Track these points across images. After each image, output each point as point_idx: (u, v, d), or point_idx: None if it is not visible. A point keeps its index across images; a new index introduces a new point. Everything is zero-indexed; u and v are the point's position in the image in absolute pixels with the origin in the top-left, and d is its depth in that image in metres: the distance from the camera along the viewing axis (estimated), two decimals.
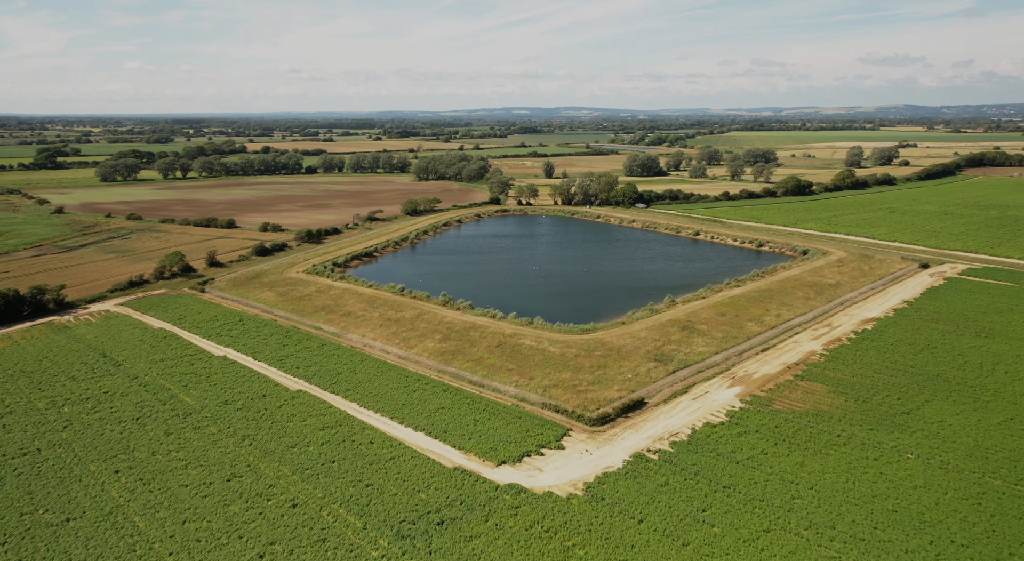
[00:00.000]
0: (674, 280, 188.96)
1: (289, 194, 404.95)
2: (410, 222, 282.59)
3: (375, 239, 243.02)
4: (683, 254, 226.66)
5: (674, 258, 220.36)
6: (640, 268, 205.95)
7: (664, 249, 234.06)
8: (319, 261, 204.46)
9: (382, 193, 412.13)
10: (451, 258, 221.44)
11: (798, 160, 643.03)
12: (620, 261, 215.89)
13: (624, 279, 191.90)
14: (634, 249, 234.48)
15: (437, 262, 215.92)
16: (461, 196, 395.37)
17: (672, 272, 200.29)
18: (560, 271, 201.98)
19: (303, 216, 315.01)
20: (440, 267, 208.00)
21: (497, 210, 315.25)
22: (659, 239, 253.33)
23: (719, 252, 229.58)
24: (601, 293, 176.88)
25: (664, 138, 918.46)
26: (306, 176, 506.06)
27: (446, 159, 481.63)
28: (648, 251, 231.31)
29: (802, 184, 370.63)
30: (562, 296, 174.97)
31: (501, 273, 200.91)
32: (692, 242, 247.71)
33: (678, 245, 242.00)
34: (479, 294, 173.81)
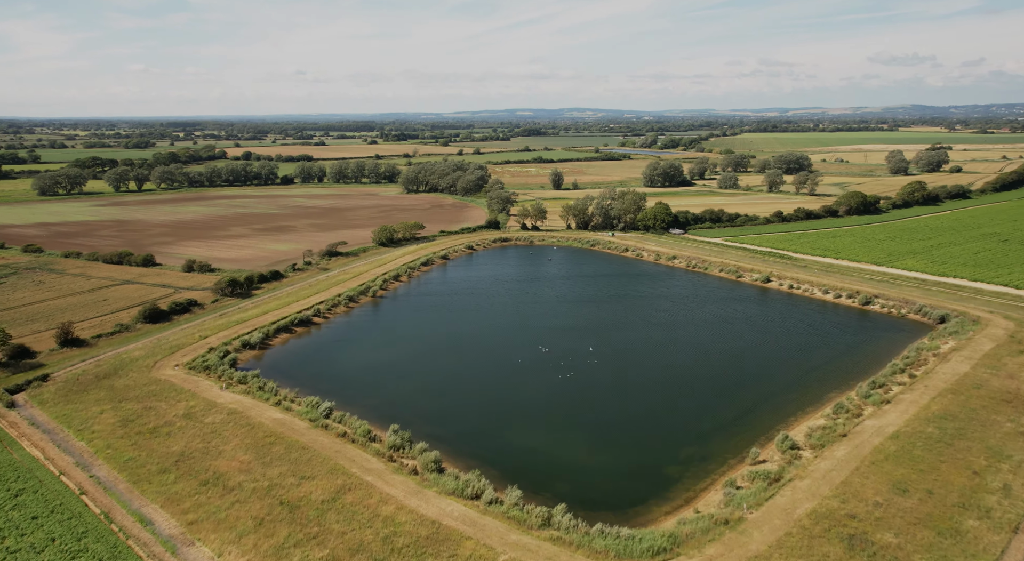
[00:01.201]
0: (763, 373, 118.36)
1: (249, 212, 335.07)
2: (380, 260, 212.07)
3: (325, 291, 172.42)
4: (756, 317, 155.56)
5: (745, 323, 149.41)
6: (703, 344, 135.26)
7: (727, 308, 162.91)
8: (224, 339, 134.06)
9: (360, 210, 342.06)
10: (422, 326, 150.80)
11: (831, 166, 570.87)
12: (669, 330, 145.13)
13: (685, 371, 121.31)
14: (684, 307, 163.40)
15: (402, 334, 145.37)
16: (454, 214, 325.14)
17: (754, 355, 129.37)
18: (580, 352, 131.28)
19: (252, 245, 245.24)
20: (404, 345, 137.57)
21: (495, 239, 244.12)
22: (714, 288, 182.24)
23: (807, 312, 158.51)
24: (651, 404, 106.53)
25: (677, 141, 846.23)
26: (279, 188, 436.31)
27: (439, 168, 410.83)
28: (705, 310, 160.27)
29: (868, 200, 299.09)
30: (589, 409, 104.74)
31: (493, 358, 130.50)
32: (761, 293, 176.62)
33: (744, 299, 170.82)
34: (456, 410, 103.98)
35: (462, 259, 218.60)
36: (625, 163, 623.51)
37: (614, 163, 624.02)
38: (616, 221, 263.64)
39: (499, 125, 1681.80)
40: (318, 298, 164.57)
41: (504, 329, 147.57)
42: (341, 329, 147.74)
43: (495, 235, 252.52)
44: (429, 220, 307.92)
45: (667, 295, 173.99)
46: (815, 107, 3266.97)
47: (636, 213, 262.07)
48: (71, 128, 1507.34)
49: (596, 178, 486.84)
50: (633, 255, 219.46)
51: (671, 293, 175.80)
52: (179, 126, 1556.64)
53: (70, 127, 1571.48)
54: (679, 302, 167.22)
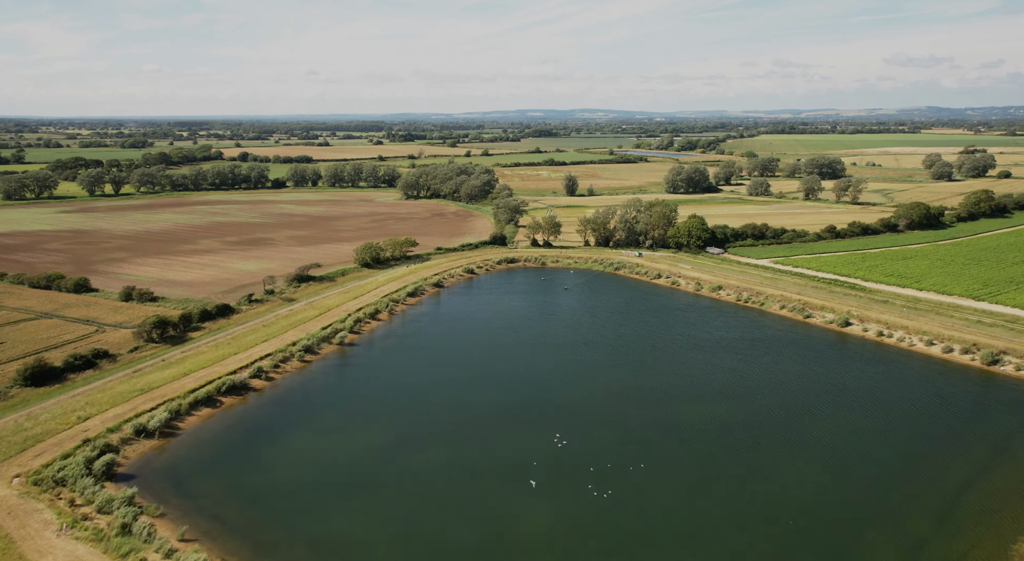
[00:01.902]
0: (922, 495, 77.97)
1: (228, 221, 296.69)
2: (359, 287, 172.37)
3: (279, 336, 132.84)
4: (854, 383, 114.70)
5: (845, 394, 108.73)
6: (804, 437, 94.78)
7: (808, 367, 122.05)
8: (112, 421, 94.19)
9: (351, 220, 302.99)
10: (397, 397, 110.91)
11: (863, 170, 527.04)
12: (741, 404, 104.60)
13: (791, 491, 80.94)
14: (751, 364, 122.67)
15: (368, 412, 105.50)
16: (455, 225, 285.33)
17: (890, 454, 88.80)
18: (613, 445, 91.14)
19: (216, 264, 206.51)
20: (367, 432, 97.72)
21: (501, 260, 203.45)
22: (779, 333, 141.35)
23: (919, 376, 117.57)
24: None
25: (695, 143, 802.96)
26: (268, 192, 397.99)
27: (441, 172, 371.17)
28: (782, 370, 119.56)
29: (932, 212, 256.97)
30: None
31: (497, 459, 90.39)
32: (839, 341, 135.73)
33: (825, 353, 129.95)
34: None
35: (459, 287, 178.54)
36: (642, 166, 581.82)
37: (630, 166, 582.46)
38: (642, 237, 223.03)
39: (509, 126, 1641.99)
40: (266, 347, 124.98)
41: (510, 400, 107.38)
42: (287, 400, 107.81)
43: (500, 254, 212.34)
44: (427, 232, 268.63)
45: (723, 342, 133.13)
46: (829, 109, 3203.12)
47: (666, 228, 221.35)
48: (78, 127, 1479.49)
49: (612, 182, 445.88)
50: (668, 283, 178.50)
51: (726, 340, 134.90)
52: (186, 125, 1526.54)
53: (78, 126, 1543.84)
54: (740, 354, 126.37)
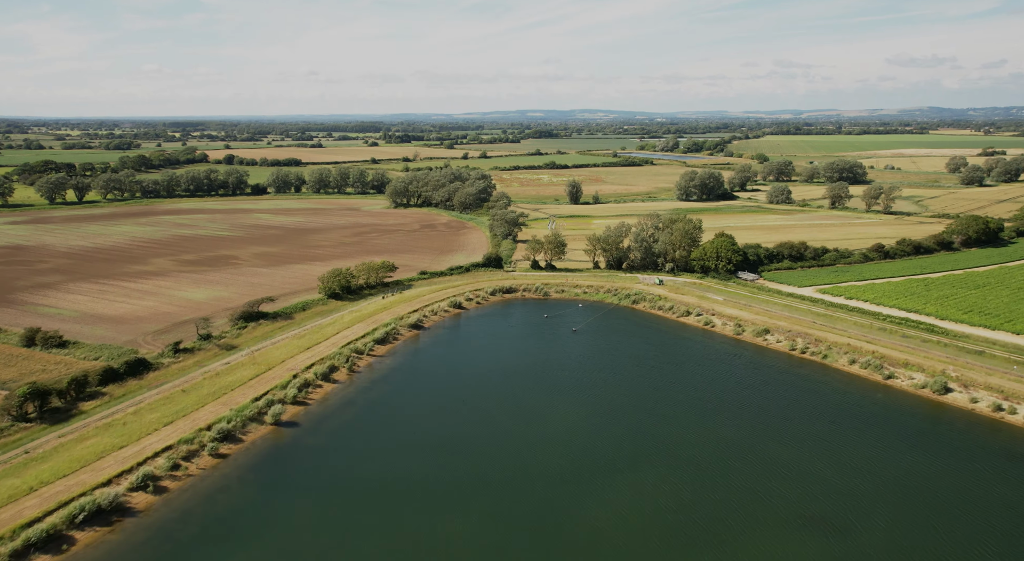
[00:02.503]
0: None
1: (192, 234, 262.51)
2: (317, 329, 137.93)
3: (192, 413, 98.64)
4: (994, 511, 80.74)
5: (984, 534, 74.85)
6: None
7: (906, 464, 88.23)
8: None
9: (331, 233, 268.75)
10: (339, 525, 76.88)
11: (883, 174, 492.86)
12: (835, 546, 70.75)
13: None
14: (833, 465, 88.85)
15: (294, 553, 71.47)
16: (446, 239, 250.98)
17: None
18: None
19: (161, 291, 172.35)
20: None
21: (495, 290, 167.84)
22: (850, 400, 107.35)
23: None
24: None
25: (701, 145, 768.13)
26: (245, 200, 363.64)
27: (434, 178, 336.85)
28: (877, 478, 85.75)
29: (991, 227, 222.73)
30: None
31: None
32: (940, 419, 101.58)
33: (932, 447, 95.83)
34: None
35: (443, 328, 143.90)
36: (648, 169, 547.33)
37: (636, 169, 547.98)
38: (661, 259, 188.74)
39: (509, 126, 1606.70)
40: (170, 433, 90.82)
41: (502, 529, 73.45)
42: (180, 530, 73.50)
43: (496, 280, 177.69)
44: (413, 248, 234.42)
45: (790, 425, 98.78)
46: (830, 109, 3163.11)
47: (690, 248, 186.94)
48: (74, 127, 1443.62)
49: (618, 188, 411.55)
50: (699, 323, 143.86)
51: (794, 420, 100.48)
52: (181, 126, 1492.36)
53: (74, 126, 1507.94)
54: (819, 445, 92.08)
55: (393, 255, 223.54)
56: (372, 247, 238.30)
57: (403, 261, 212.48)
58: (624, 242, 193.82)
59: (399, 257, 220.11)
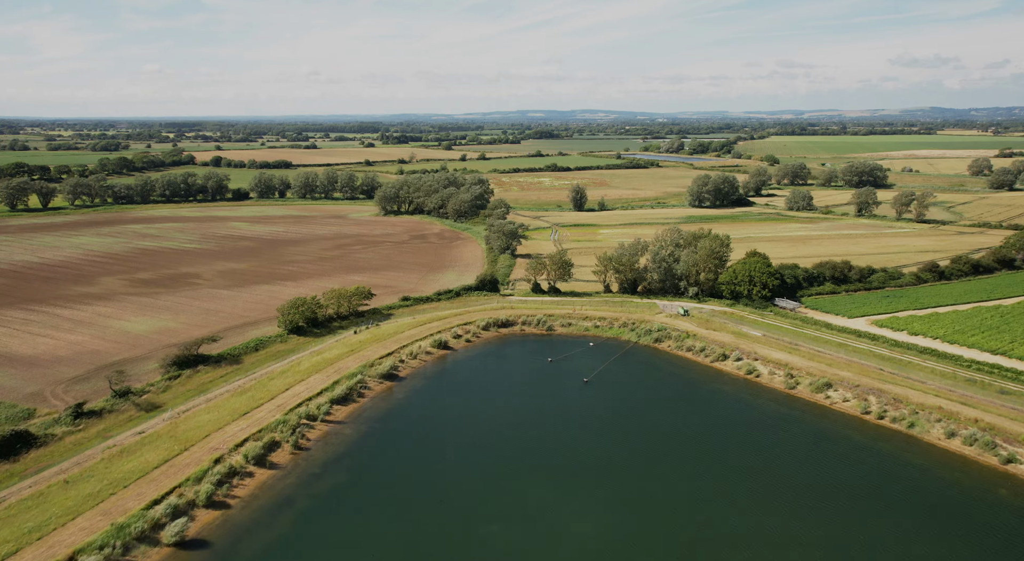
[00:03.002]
0: None
1: (156, 246, 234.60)
2: (268, 383, 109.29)
3: (43, 536, 70.87)
4: None
5: None
6: None
7: None
8: None
9: (311, 244, 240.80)
10: None
11: (902, 176, 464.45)
12: None
13: None
14: None
15: None
16: (437, 253, 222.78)
17: None
18: None
19: (97, 322, 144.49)
20: None
21: (489, 323, 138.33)
22: (958, 499, 79.38)
23: None
24: None
25: (706, 146, 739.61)
26: (224, 206, 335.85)
27: (426, 183, 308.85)
28: None
29: None
30: None
31: None
32: None
33: None
34: None
35: (423, 377, 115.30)
36: (655, 172, 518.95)
37: (642, 172, 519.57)
38: (684, 282, 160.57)
39: (510, 127, 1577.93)
40: None
41: None
42: None
43: (490, 309, 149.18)
44: (399, 263, 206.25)
45: (893, 543, 70.95)
46: (831, 109, 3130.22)
47: (717, 269, 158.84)
48: (72, 128, 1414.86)
49: (625, 193, 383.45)
50: (739, 370, 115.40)
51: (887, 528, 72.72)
52: (177, 127, 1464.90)
53: (72, 127, 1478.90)
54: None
55: (376, 272, 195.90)
56: (354, 262, 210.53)
57: (386, 281, 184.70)
58: (641, 261, 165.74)
59: (383, 275, 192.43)
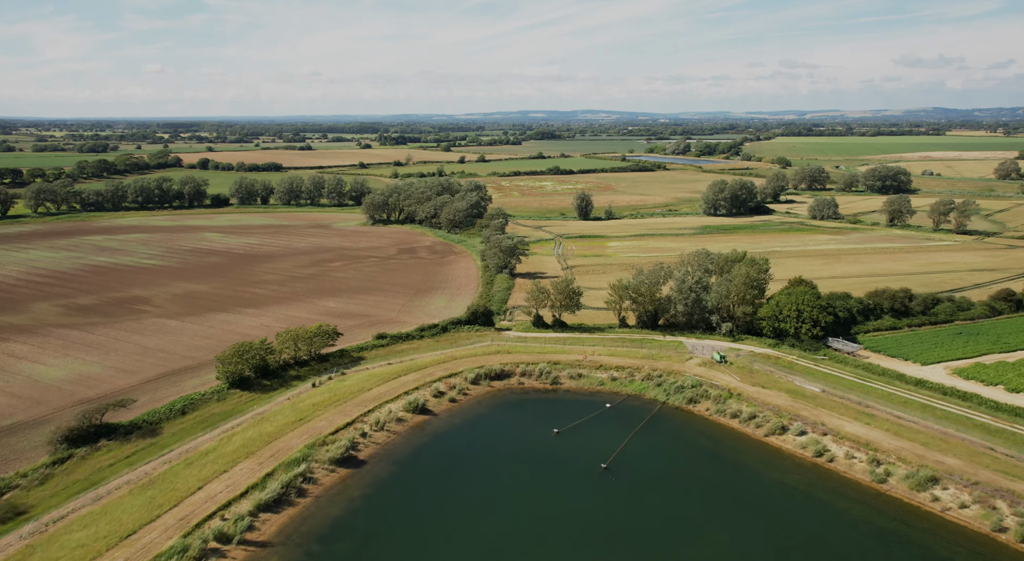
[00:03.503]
0: None
1: (111, 263, 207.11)
2: (177, 479, 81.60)
3: None
4: None
5: None
6: None
7: None
8: None
9: (286, 259, 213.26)
10: None
11: (925, 180, 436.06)
12: None
13: None
14: None
15: None
16: (427, 272, 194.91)
17: None
18: None
19: (12, 364, 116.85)
20: None
21: (481, 374, 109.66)
22: None
23: None
24: None
25: (713, 147, 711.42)
26: (203, 213, 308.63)
27: (417, 190, 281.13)
28: None
29: None
30: None
31: None
32: None
33: None
34: None
35: (390, 461, 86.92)
36: (662, 175, 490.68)
37: (649, 176, 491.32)
38: (714, 315, 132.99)
39: (511, 127, 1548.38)
40: None
41: None
42: None
43: (482, 353, 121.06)
44: (382, 285, 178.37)
45: None
46: (833, 110, 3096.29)
47: (755, 301, 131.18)
48: (66, 128, 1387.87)
49: (632, 198, 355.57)
50: (806, 452, 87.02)
51: None
52: (174, 127, 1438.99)
53: (69, 127, 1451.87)
54: None
55: (354, 297, 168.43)
56: (330, 283, 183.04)
57: (364, 307, 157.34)
58: (663, 290, 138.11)
59: (361, 300, 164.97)
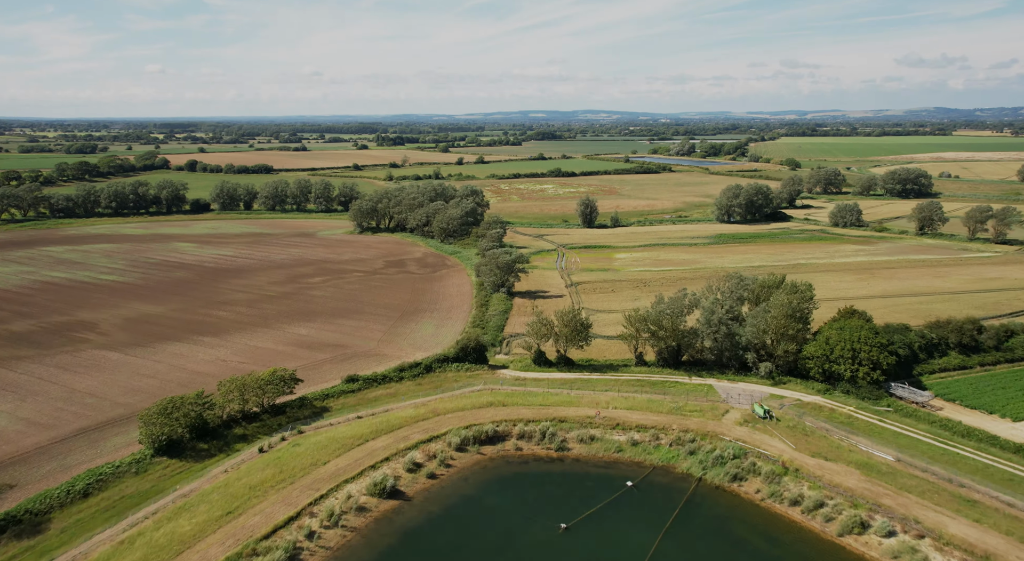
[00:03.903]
0: None
1: (63, 278, 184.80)
2: None
3: None
4: None
5: None
6: None
7: None
8: None
9: (261, 273, 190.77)
10: None
11: (941, 183, 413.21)
12: None
13: None
14: None
15: None
16: (416, 290, 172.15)
17: None
18: None
19: None
20: None
21: (469, 437, 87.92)
22: None
23: None
24: None
25: (719, 148, 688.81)
26: (179, 220, 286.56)
27: (408, 196, 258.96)
28: None
29: None
30: None
31: None
32: None
33: None
34: None
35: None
36: (668, 178, 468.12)
37: (654, 178, 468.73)
38: (746, 351, 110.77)
39: (511, 127, 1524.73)
40: None
41: None
42: None
43: (471, 404, 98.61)
44: (364, 306, 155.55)
45: None
46: (834, 110, 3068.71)
47: (799, 336, 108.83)
48: (61, 128, 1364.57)
49: (638, 203, 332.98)
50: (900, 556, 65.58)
51: None
52: (171, 127, 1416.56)
53: (67, 127, 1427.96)
54: None
55: (330, 321, 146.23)
56: (304, 304, 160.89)
57: (340, 335, 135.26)
58: (687, 321, 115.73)
59: (338, 325, 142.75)
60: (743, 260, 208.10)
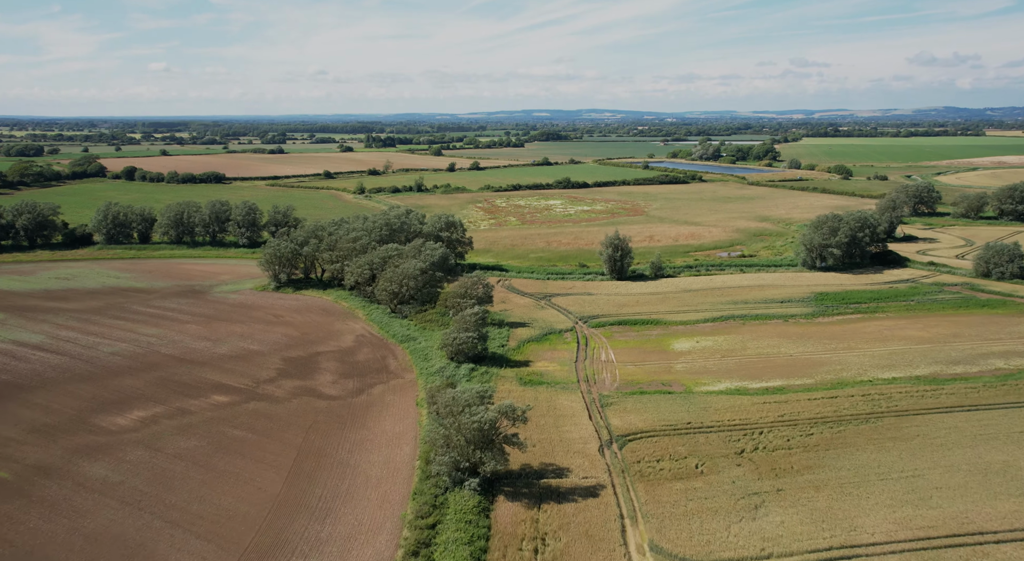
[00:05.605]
0: None
1: None
2: None
3: None
4: None
5: None
6: None
7: None
8: None
9: (25, 411, 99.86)
10: None
11: None
12: None
13: None
14: None
15: None
16: (312, 451, 75.61)
17: None
18: None
19: None
20: None
21: None
22: None
23: None
24: None
25: (746, 152, 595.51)
26: (28, 260, 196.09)
27: (348, 234, 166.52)
28: None
29: None
30: None
31: None
32: None
33: None
34: None
35: None
36: (700, 190, 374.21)
37: (684, 190, 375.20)
38: None
39: (513, 127, 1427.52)
40: None
41: None
42: None
43: None
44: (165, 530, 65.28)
45: None
46: (841, 109, 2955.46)
47: None
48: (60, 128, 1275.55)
49: (678, 230, 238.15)
50: None
51: None
52: (157, 126, 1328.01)
53: (64, 127, 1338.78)
54: None
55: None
56: (38, 536, 69.15)
57: None
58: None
59: None
60: (887, 355, 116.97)
